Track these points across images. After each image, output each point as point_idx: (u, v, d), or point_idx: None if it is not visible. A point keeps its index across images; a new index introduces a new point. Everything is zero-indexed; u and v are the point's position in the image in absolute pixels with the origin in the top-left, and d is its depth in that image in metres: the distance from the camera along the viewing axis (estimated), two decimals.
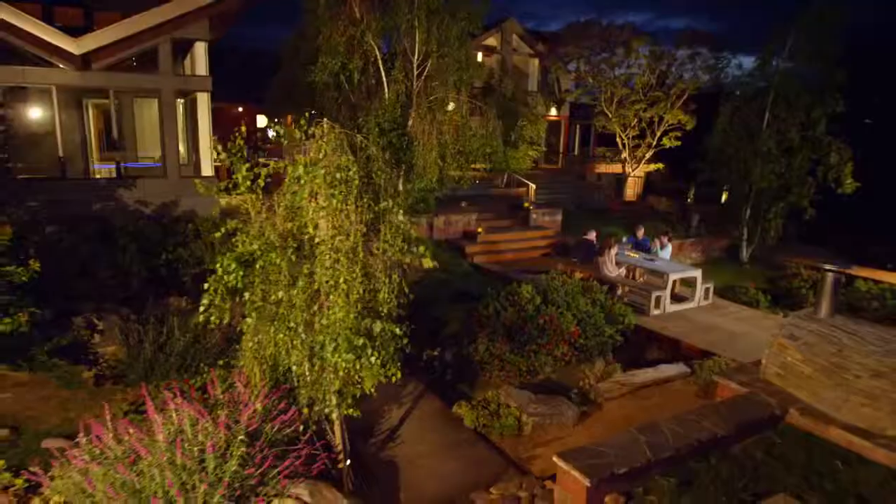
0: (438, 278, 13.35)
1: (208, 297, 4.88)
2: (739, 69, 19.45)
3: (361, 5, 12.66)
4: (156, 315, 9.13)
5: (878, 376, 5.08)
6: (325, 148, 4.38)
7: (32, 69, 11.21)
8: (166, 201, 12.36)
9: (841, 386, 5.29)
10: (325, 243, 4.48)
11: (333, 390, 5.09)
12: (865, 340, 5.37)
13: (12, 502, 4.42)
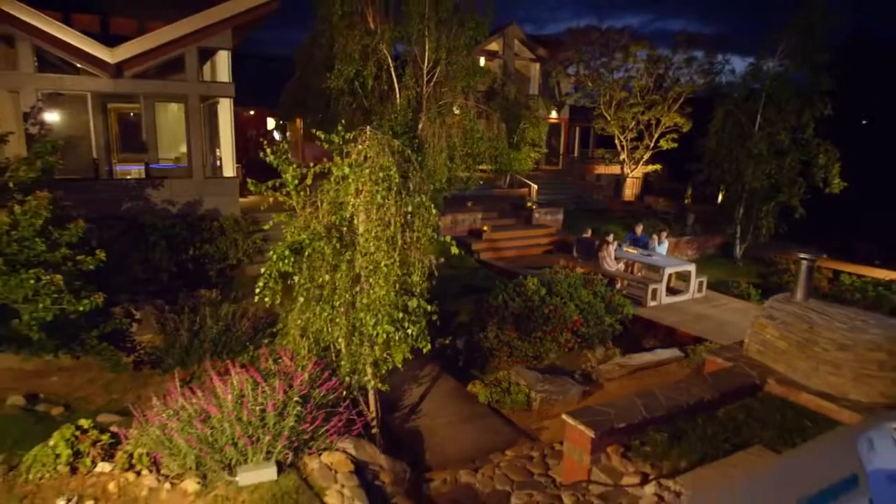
0: (447, 274, 14.10)
1: (264, 279, 5.63)
2: (733, 74, 20.11)
3: (376, 16, 13.44)
4: (189, 306, 9.88)
5: (842, 349, 5.86)
6: (369, 151, 5.14)
7: (69, 77, 11.98)
8: (191, 200, 13.11)
9: (811, 358, 6.07)
10: (368, 232, 5.24)
11: (370, 362, 5.86)
12: (833, 319, 6.15)
13: (100, 454, 5.17)
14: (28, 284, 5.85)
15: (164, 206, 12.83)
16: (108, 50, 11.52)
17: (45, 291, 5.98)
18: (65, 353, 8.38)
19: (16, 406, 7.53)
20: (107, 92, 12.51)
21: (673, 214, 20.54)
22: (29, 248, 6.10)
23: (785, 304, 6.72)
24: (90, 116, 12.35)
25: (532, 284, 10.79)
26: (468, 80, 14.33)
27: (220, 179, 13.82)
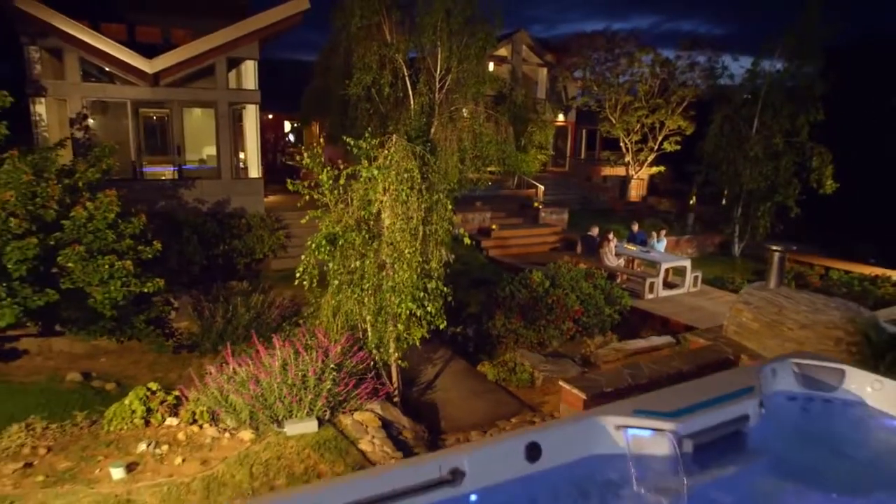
0: (457, 269, 14.91)
1: (303, 265, 6.57)
2: (731, 79, 20.89)
3: (392, 28, 14.39)
4: (222, 295, 10.86)
5: (804, 328, 6.73)
6: (395, 156, 6.08)
7: (112, 86, 13.02)
8: (220, 199, 14.11)
9: (779, 336, 6.94)
10: (393, 225, 6.17)
11: (393, 338, 6.79)
12: (799, 303, 7.02)
13: (167, 411, 6.12)
14: (103, 269, 6.83)
15: (195, 204, 13.84)
16: (148, 61, 12.54)
17: (117, 275, 6.96)
18: (118, 336, 9.34)
19: (75, 381, 8.53)
20: (144, 99, 13.55)
21: (674, 214, 21.36)
22: (101, 238, 7.09)
23: (759, 291, 7.58)
24: (129, 122, 13.38)
25: (537, 277, 11.67)
26: (478, 87, 15.25)
27: (246, 180, 14.84)
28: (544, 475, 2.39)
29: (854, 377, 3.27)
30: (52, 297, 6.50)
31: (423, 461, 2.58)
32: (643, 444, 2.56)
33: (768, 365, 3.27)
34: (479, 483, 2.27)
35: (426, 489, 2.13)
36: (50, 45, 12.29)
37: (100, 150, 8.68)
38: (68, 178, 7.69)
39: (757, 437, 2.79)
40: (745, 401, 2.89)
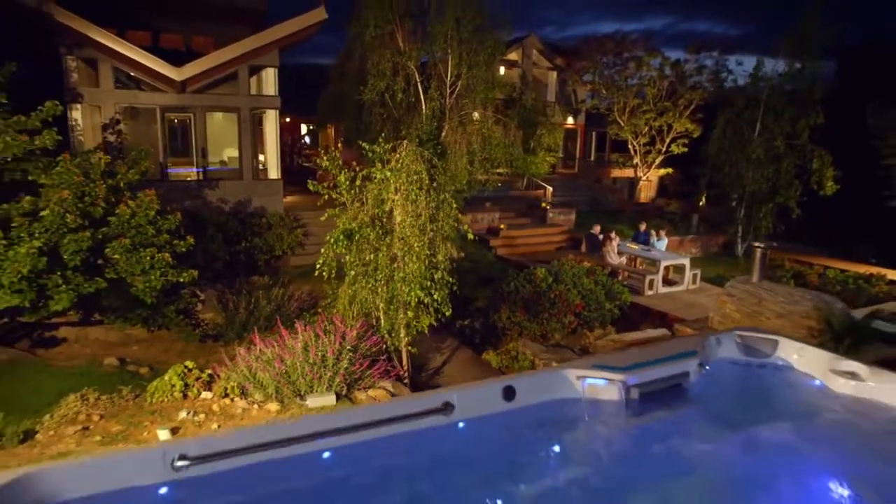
0: (466, 266, 15.73)
1: (323, 257, 7.30)
2: (735, 83, 21.36)
3: (405, 36, 15.12)
4: (246, 289, 11.64)
5: (780, 317, 7.34)
6: (405, 159, 6.78)
7: (143, 92, 13.89)
8: (241, 199, 14.93)
9: (759, 326, 7.55)
10: (404, 222, 6.88)
11: (403, 324, 7.49)
12: (777, 295, 7.64)
13: (202, 386, 6.87)
14: (144, 261, 7.61)
15: (218, 204, 14.66)
16: (176, 69, 13.37)
17: (157, 266, 7.73)
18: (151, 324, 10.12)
19: (112, 366, 9.33)
20: (171, 105, 14.40)
21: (679, 215, 21.85)
22: (142, 233, 7.87)
23: (742, 285, 8.20)
24: (158, 126, 14.23)
25: (541, 273, 12.32)
26: (487, 93, 15.92)
27: (266, 181, 15.65)
28: (517, 412, 3.03)
29: (784, 346, 3.88)
30: (101, 284, 7.28)
31: (422, 396, 3.21)
32: (597, 391, 3.19)
33: (714, 336, 3.90)
34: (466, 414, 2.92)
35: (425, 415, 2.77)
36: (86, 55, 13.16)
37: (136, 154, 9.49)
38: (111, 178, 8.49)
39: (697, 391, 3.42)
40: (687, 361, 3.52)
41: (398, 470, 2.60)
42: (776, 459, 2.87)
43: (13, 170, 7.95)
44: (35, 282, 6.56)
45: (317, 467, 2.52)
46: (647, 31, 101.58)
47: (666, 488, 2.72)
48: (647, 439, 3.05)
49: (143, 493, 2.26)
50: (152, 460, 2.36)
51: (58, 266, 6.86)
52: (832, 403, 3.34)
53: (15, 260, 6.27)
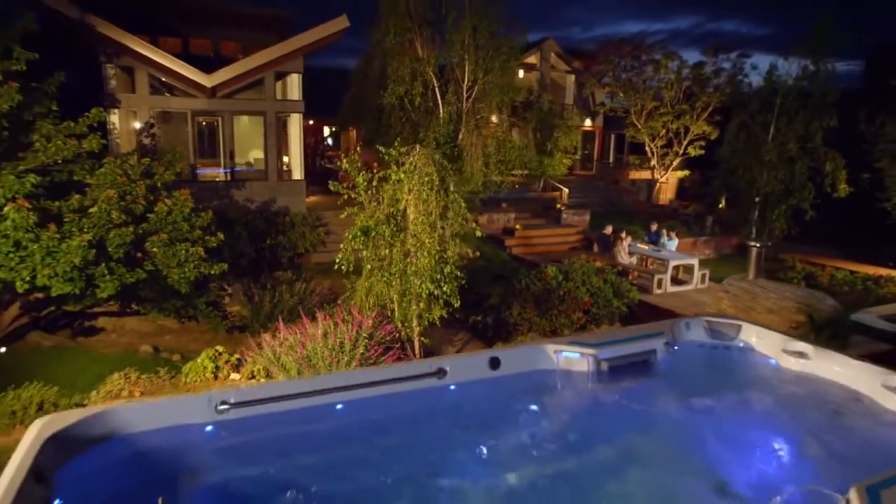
0: (481, 265, 16.25)
1: (342, 252, 7.91)
2: (750, 87, 21.51)
3: (423, 43, 15.72)
4: (270, 284, 12.34)
5: (771, 312, 7.75)
6: (418, 162, 7.36)
7: (175, 98, 14.72)
8: (266, 199, 15.66)
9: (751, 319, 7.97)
10: (416, 220, 7.45)
11: (415, 315, 8.07)
12: (770, 292, 8.05)
13: (231, 368, 7.53)
14: (180, 254, 8.31)
15: (245, 203, 15.41)
16: (207, 76, 14.16)
17: (190, 259, 8.44)
18: (183, 314, 10.85)
19: (147, 352, 10.08)
20: (201, 109, 15.21)
21: (693, 216, 22.10)
22: (178, 229, 8.58)
23: (738, 282, 8.62)
24: (188, 129, 15.05)
25: (551, 272, 12.80)
26: (502, 97, 16.44)
27: (290, 182, 16.38)
28: (501, 378, 3.56)
29: (746, 330, 4.35)
30: (141, 275, 8.00)
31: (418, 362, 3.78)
32: (571, 363, 3.70)
33: (684, 321, 4.38)
34: (456, 379, 3.46)
35: (422, 377, 3.32)
36: (123, 63, 14.02)
37: (171, 156, 10.23)
38: (148, 179, 9.22)
39: (663, 367, 3.91)
40: (654, 340, 4.01)
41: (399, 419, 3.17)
42: (729, 421, 3.37)
43: (61, 171, 8.72)
44: (84, 272, 7.29)
45: (331, 415, 3.09)
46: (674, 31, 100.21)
47: (627, 442, 3.23)
48: (612, 403, 3.55)
49: (192, 430, 2.85)
50: (200, 404, 2.95)
51: (103, 258, 7.58)
52: (781, 377, 3.83)
53: (67, 252, 6.99)
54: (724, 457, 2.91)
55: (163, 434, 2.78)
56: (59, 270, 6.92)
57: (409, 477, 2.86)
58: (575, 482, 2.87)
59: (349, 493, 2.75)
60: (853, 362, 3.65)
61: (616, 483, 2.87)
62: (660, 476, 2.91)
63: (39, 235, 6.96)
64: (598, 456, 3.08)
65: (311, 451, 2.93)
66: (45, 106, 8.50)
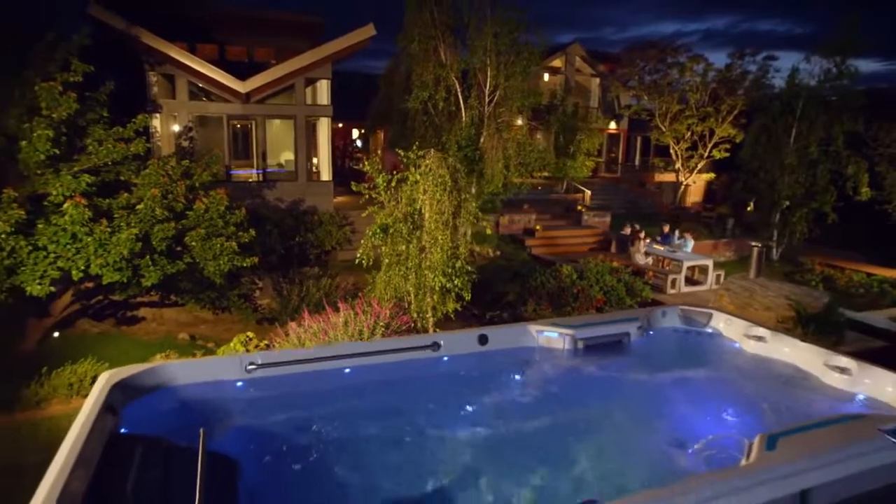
0: (501, 264, 16.79)
1: (363, 248, 8.55)
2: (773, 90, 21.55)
3: (446, 50, 16.33)
4: (298, 279, 13.08)
5: (767, 309, 8.14)
6: (432, 165, 7.96)
7: (212, 103, 15.64)
8: (296, 199, 16.47)
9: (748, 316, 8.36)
10: (431, 218, 8.05)
11: (430, 307, 8.66)
12: (768, 290, 8.42)
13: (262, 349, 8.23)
14: (215, 248, 9.09)
15: (275, 202, 16.24)
16: (241, 82, 15.02)
17: (225, 252, 9.20)
18: (217, 306, 11.65)
19: (185, 340, 10.91)
20: (236, 113, 16.10)
21: (715, 219, 22.21)
22: (214, 225, 9.36)
23: (739, 281, 8.99)
24: (224, 132, 15.96)
25: (566, 270, 13.26)
26: (523, 101, 16.93)
27: (318, 182, 17.17)
28: (488, 352, 4.11)
29: (716, 318, 4.80)
30: (180, 266, 8.78)
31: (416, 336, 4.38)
32: (551, 342, 4.22)
33: (661, 309, 4.86)
34: (450, 352, 4.01)
35: (419, 349, 3.89)
36: (164, 71, 14.97)
37: (209, 158, 11.04)
38: (188, 179, 10.03)
39: (636, 347, 4.41)
40: (629, 324, 4.50)
41: (399, 382, 3.74)
42: (690, 390, 3.86)
43: (110, 171, 9.57)
44: (131, 262, 8.09)
45: (340, 377, 3.68)
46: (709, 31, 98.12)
47: (597, 406, 3.76)
48: (586, 375, 4.06)
49: (226, 384, 3.47)
50: (233, 364, 3.57)
51: (148, 250, 8.38)
52: (741, 356, 4.30)
53: (117, 244, 7.80)
54: (680, 416, 3.40)
55: (202, 386, 3.42)
56: (109, 260, 7.73)
57: (407, 427, 3.44)
58: (548, 436, 3.42)
59: (354, 439, 3.34)
60: (801, 344, 4.11)
61: (584, 437, 3.41)
62: (622, 432, 3.44)
63: (93, 229, 7.78)
64: (570, 416, 3.61)
65: (323, 405, 3.53)
66: (98, 113, 9.36)
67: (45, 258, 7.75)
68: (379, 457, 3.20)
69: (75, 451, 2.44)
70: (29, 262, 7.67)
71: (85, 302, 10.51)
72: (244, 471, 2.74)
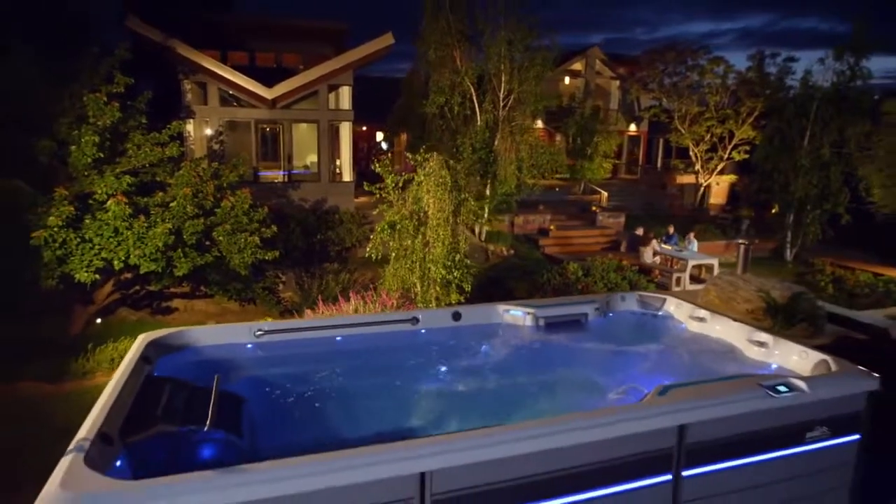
0: (514, 263, 17.44)
1: (372, 243, 9.34)
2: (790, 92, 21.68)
3: (462, 57, 17.07)
4: (319, 273, 13.96)
5: (748, 302, 8.64)
6: (434, 167, 8.70)
7: (241, 108, 16.68)
8: (319, 199, 17.39)
9: (731, 309, 8.86)
10: (434, 215, 8.79)
11: (434, 297, 9.39)
12: (751, 284, 8.91)
13: None
14: (240, 242, 10.01)
15: (299, 202, 17.18)
16: (268, 89, 16.01)
17: (248, 246, 10.12)
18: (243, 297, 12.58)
19: None
20: (263, 118, 17.11)
21: (731, 220, 22.44)
22: (239, 221, 10.29)
23: (727, 276, 9.49)
24: (252, 136, 16.98)
25: (572, 268, 13.86)
26: (536, 105, 17.56)
27: (340, 183, 18.07)
28: (461, 327, 4.79)
29: (669, 302, 5.39)
30: (209, 259, 9.71)
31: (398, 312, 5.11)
32: (515, 319, 4.88)
33: (619, 294, 5.48)
34: (427, 325, 4.71)
35: (400, 322, 4.61)
36: (197, 80, 16.05)
37: (236, 161, 12.00)
38: (216, 180, 10.98)
39: (593, 326, 5.06)
40: (586, 306, 5.15)
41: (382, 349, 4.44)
42: (634, 360, 4.53)
43: (147, 172, 10.57)
44: (165, 254, 9.03)
45: (332, 343, 4.40)
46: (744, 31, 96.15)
47: (552, 371, 4.46)
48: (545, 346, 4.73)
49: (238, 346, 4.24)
50: (244, 330, 4.33)
51: (180, 243, 9.32)
52: (684, 334, 4.94)
53: (153, 237, 8.75)
54: (621, 378, 4.07)
55: (219, 347, 4.21)
56: (146, 252, 8.68)
57: (388, 381, 4.19)
58: (507, 389, 4.11)
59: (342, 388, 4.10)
60: (733, 323, 4.73)
61: (536, 390, 4.10)
62: (567, 386, 4.13)
63: (132, 224, 8.75)
64: (526, 376, 4.29)
65: (317, 363, 4.27)
66: (137, 120, 10.37)
67: (90, 249, 8.75)
68: (363, 401, 3.95)
69: (119, 385, 3.23)
70: (77, 252, 8.68)
71: (124, 291, 11.53)
72: (248, 405, 3.50)
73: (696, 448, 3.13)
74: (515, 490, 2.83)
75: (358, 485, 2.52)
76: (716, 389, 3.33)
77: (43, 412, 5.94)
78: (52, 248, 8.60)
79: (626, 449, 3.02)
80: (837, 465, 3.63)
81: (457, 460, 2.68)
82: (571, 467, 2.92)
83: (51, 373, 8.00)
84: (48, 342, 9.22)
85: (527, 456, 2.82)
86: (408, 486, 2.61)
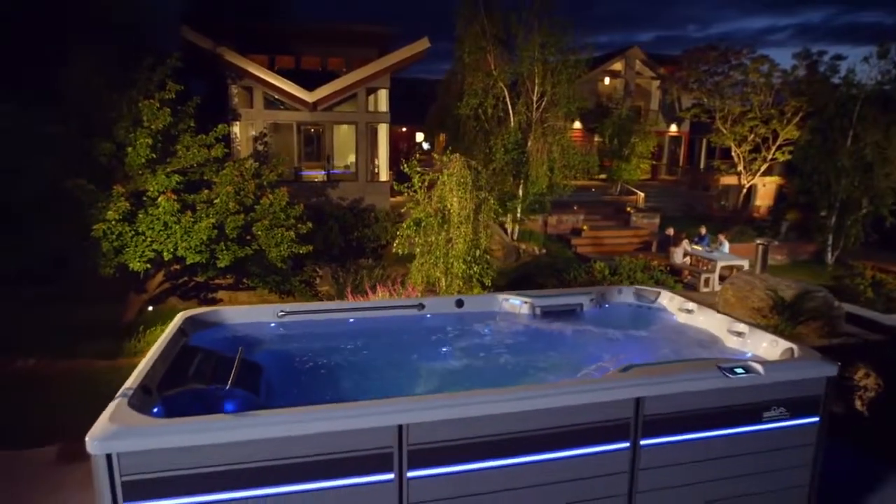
0: (545, 261, 17.74)
1: (399, 239, 9.89)
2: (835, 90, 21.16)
3: (496, 60, 17.48)
4: (354, 269, 14.63)
5: (760, 300, 8.81)
6: (456, 168, 9.18)
7: (284, 111, 17.57)
8: (356, 197, 18.11)
9: (746, 307, 9.04)
10: (456, 213, 9.27)
11: (457, 291, 9.87)
12: (767, 284, 9.09)
13: None
14: (277, 237, 10.75)
15: (338, 200, 17.95)
16: (309, 93, 16.83)
17: (285, 241, 10.85)
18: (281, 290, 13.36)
19: None
20: (305, 120, 17.96)
21: (770, 222, 22.07)
22: (276, 217, 11.04)
23: (744, 276, 9.66)
24: (294, 137, 17.85)
25: (598, 266, 14.09)
26: (569, 107, 17.80)
27: (377, 183, 18.76)
28: (463, 313, 5.25)
29: (663, 295, 5.67)
30: (249, 252, 10.49)
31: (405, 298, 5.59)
32: (514, 307, 5.30)
33: (617, 287, 5.82)
34: (432, 311, 5.19)
35: (404, 308, 5.11)
36: (243, 84, 17.01)
37: (276, 161, 12.78)
38: (257, 178, 11.77)
39: (588, 316, 5.45)
40: (582, 296, 5.53)
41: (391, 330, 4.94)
42: (624, 347, 4.91)
43: (195, 172, 11.43)
44: (209, 246, 9.84)
45: (345, 325, 4.94)
46: (803, 26, 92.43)
47: (546, 353, 4.89)
48: (541, 332, 5.14)
49: (263, 325, 4.82)
50: (269, 311, 4.92)
51: (223, 237, 10.12)
52: (672, 325, 5.26)
53: (199, 231, 9.56)
54: (604, 359, 4.54)
55: (247, 325, 4.81)
56: (192, 244, 9.49)
57: (397, 360, 4.72)
58: (504, 366, 4.60)
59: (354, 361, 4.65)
60: (717, 315, 4.99)
61: (528, 367, 4.57)
62: (556, 364, 4.54)
63: (180, 219, 9.58)
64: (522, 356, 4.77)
65: (333, 341, 4.80)
66: (186, 123, 11.23)
67: (143, 241, 9.62)
68: (368, 373, 4.47)
69: (159, 351, 3.84)
70: (131, 244, 9.56)
71: (173, 282, 12.47)
72: (266, 372, 4.08)
73: (653, 419, 3.51)
74: (486, 446, 3.28)
75: (345, 432, 3.03)
76: (674, 368, 3.69)
77: (98, 382, 6.72)
78: (109, 240, 9.51)
79: (587, 416, 3.43)
80: (797, 444, 3.93)
81: (432, 416, 3.16)
82: (537, 429, 3.36)
83: (107, 351, 8.87)
84: (106, 326, 10.16)
85: (496, 416, 3.26)
86: (387, 436, 3.10)
